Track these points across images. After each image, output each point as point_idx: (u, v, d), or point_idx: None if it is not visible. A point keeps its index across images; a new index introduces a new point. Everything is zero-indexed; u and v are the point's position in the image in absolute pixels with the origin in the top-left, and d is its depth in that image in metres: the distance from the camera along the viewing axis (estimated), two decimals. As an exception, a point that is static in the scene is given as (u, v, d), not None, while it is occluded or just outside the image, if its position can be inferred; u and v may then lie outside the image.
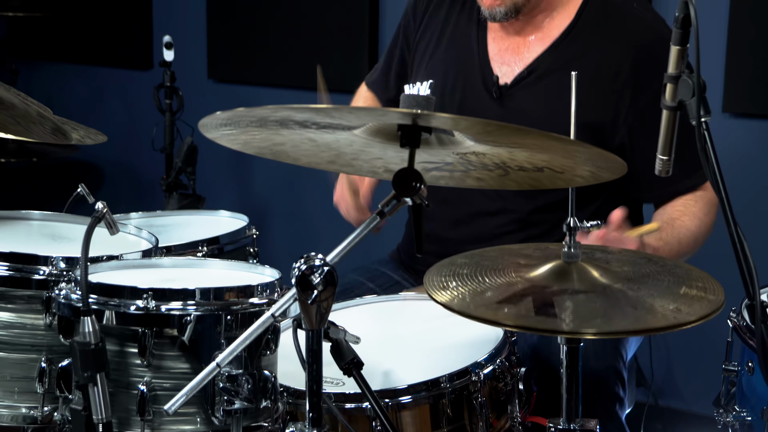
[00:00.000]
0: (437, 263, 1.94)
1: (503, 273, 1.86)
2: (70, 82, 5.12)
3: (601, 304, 1.75)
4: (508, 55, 2.58)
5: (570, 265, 1.85)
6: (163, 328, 1.95)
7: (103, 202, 2.05)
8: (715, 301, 1.75)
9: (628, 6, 2.56)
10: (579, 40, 2.53)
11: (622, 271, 1.86)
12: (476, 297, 1.78)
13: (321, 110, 1.71)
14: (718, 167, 1.65)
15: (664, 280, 1.85)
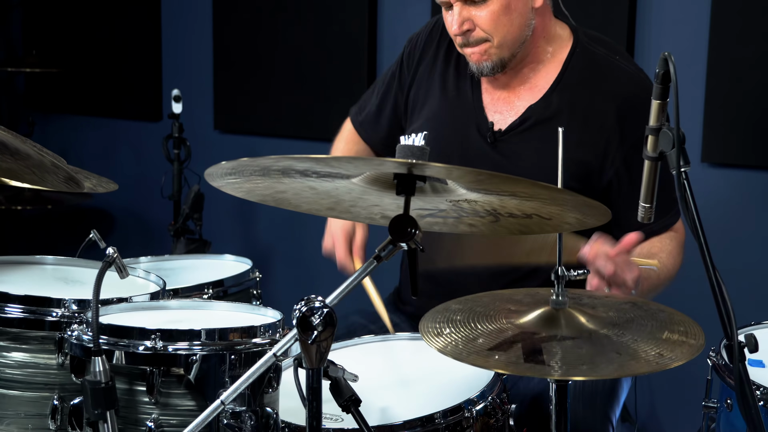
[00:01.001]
0: (432, 309, 1.94)
1: (494, 319, 1.86)
2: (83, 133, 5.13)
3: (587, 350, 1.75)
4: (500, 104, 2.58)
5: (558, 311, 1.85)
6: (170, 367, 1.95)
7: (113, 247, 2.05)
8: (695, 346, 1.76)
9: (611, 58, 2.57)
10: (567, 91, 2.53)
11: (608, 317, 1.86)
12: (468, 344, 1.78)
13: (321, 160, 1.71)
14: (697, 214, 1.65)
15: (647, 324, 1.85)
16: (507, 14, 2.44)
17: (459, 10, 2.44)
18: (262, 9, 4.46)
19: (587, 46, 2.57)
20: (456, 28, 2.45)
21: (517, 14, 2.46)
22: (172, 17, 4.82)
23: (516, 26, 2.47)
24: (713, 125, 3.54)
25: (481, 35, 2.46)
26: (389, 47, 4.21)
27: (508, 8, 2.44)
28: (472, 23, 2.45)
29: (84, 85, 5.02)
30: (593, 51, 2.57)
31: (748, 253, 3.54)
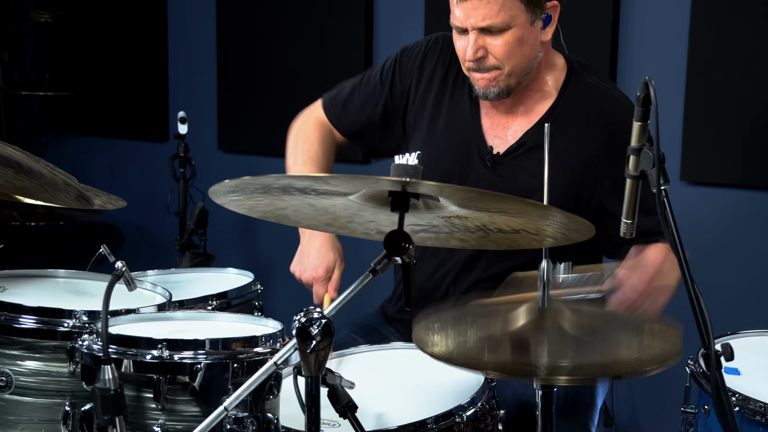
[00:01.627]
0: (423, 316, 1.93)
1: (484, 325, 1.86)
2: (94, 152, 5.12)
3: (573, 351, 1.75)
4: (499, 129, 2.58)
5: (543, 314, 1.85)
6: (176, 375, 1.94)
7: (122, 261, 2.05)
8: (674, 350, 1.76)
9: (602, 87, 2.58)
10: (561, 118, 2.53)
11: (590, 322, 1.86)
12: (460, 347, 1.78)
13: (319, 179, 1.72)
14: (676, 230, 1.66)
15: (627, 329, 1.85)
16: (520, 46, 2.44)
17: (475, 38, 2.43)
18: (263, 35, 4.47)
19: (580, 75, 2.58)
20: (471, 54, 2.44)
21: (528, 46, 2.46)
22: (178, 44, 4.83)
23: (526, 57, 2.47)
24: (691, 145, 3.55)
25: (493, 63, 2.45)
26: (384, 71, 4.22)
27: (521, 40, 2.44)
28: (486, 51, 2.44)
29: (94, 108, 5.03)
30: (586, 80, 2.58)
31: (725, 266, 3.55)
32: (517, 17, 2.41)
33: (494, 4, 2.39)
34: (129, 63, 4.91)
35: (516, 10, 2.41)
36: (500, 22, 2.40)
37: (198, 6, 4.70)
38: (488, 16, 2.40)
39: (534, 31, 2.46)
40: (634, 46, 3.67)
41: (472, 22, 2.41)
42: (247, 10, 4.51)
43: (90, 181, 2.80)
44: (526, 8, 2.42)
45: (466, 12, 2.42)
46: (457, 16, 2.44)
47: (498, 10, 2.39)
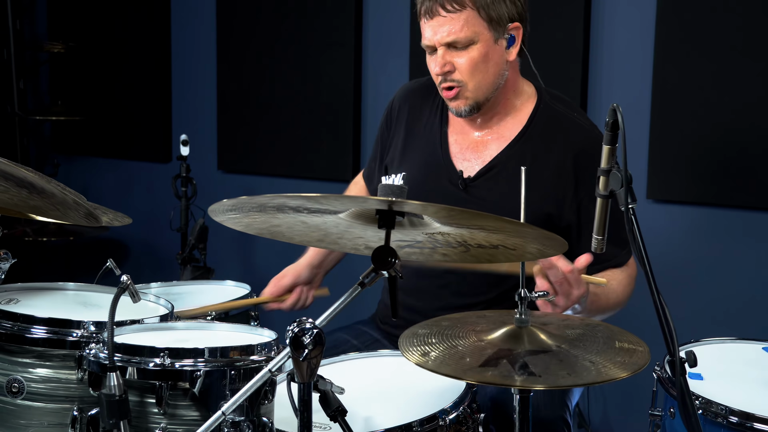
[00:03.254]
0: (408, 330, 1.93)
1: (468, 338, 1.86)
2: (102, 173, 5.11)
3: (564, 361, 1.75)
4: (468, 153, 2.58)
5: (522, 329, 1.85)
6: (177, 382, 1.93)
7: (127, 275, 2.04)
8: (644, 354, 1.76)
9: (569, 115, 2.57)
10: (530, 142, 2.53)
11: (565, 334, 1.86)
12: (458, 361, 1.77)
13: (311, 198, 1.71)
14: (643, 245, 1.66)
15: (599, 339, 1.85)
16: (484, 62, 2.46)
17: (442, 54, 2.45)
18: (260, 64, 4.47)
19: (549, 103, 2.58)
20: (438, 69, 2.46)
21: (492, 63, 2.47)
22: (181, 72, 4.83)
23: (491, 74, 2.48)
24: (657, 166, 3.56)
25: (459, 77, 2.47)
26: (372, 97, 4.22)
27: (485, 56, 2.45)
28: (453, 66, 2.46)
29: (103, 131, 5.02)
30: (554, 108, 2.58)
31: (688, 278, 3.55)
32: (480, 33, 2.44)
33: (458, 20, 2.42)
34: (135, 90, 4.91)
35: (479, 27, 2.43)
36: (464, 38, 2.43)
37: (199, 37, 4.70)
38: (452, 32, 2.42)
39: (498, 49, 2.47)
40: (603, 76, 3.68)
41: (438, 39, 2.44)
42: (244, 42, 4.51)
43: (98, 199, 2.79)
44: (488, 26, 2.44)
45: (433, 29, 2.45)
46: (426, 36, 2.47)
47: (462, 26, 2.42)
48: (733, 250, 3.50)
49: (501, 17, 2.45)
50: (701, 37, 3.43)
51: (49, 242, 4.87)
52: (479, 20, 2.43)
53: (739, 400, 1.98)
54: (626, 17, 3.63)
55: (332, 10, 4.24)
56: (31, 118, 5.06)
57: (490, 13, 2.43)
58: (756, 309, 3.45)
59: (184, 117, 4.82)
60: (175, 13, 4.81)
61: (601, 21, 3.67)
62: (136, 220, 2.74)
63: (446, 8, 2.42)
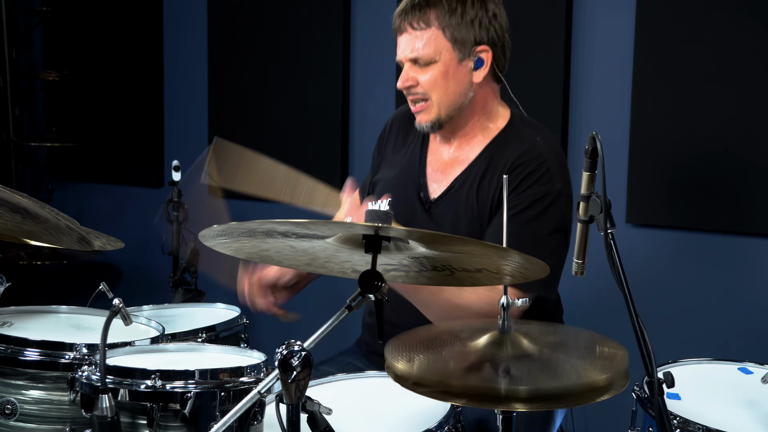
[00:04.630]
0: (394, 339, 1.91)
1: (449, 345, 1.85)
2: (96, 198, 5.10)
3: (546, 365, 1.74)
4: (438, 174, 2.60)
5: (504, 336, 1.84)
6: (168, 403, 1.93)
7: (119, 299, 2.04)
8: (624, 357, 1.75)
9: (531, 137, 2.52)
10: (484, 162, 2.53)
11: (546, 339, 1.85)
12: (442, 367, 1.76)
13: (299, 224, 1.71)
14: (622, 268, 1.66)
15: (579, 343, 1.85)
16: (445, 79, 2.47)
17: (407, 69, 2.49)
18: (250, 92, 4.48)
19: (517, 126, 2.56)
20: (401, 83, 2.51)
21: (454, 81, 2.48)
22: (172, 99, 4.83)
23: (452, 92, 2.49)
24: (635, 191, 3.57)
25: (420, 92, 2.50)
26: (360, 125, 4.23)
27: (446, 74, 2.47)
28: (415, 81, 2.49)
29: (96, 157, 5.01)
30: (520, 131, 2.55)
31: (666, 301, 3.56)
32: (442, 53, 2.46)
33: (422, 38, 2.46)
34: (128, 117, 4.91)
35: (441, 47, 2.46)
36: (425, 55, 2.46)
37: (191, 65, 4.71)
38: (416, 49, 2.46)
39: (462, 69, 2.49)
40: (583, 105, 3.70)
41: (404, 55, 2.49)
42: (235, 70, 4.52)
43: (92, 223, 2.78)
44: (453, 46, 2.46)
45: (401, 46, 2.50)
46: (397, 52, 2.52)
47: (424, 43, 2.46)
48: (710, 273, 3.51)
49: (466, 39, 2.47)
50: (676, 67, 3.46)
51: (43, 266, 4.85)
52: (443, 40, 2.46)
53: (716, 420, 1.99)
54: (605, 49, 3.65)
55: (322, 40, 4.26)
56: (26, 144, 5.05)
57: (454, 34, 2.46)
58: (732, 331, 3.46)
59: (176, 143, 4.82)
60: (168, 43, 4.82)
61: (582, 53, 3.69)
62: (129, 244, 2.73)
63: (413, 26, 2.47)
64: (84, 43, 4.99)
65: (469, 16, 2.46)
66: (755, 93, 3.34)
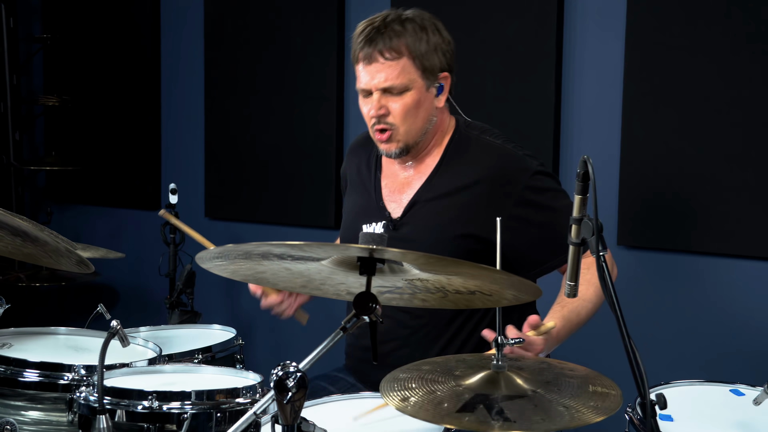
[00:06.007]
0: (389, 374, 1.91)
1: (443, 383, 1.84)
2: (94, 220, 5.10)
3: (539, 406, 1.73)
4: (395, 194, 2.60)
5: (499, 374, 1.84)
6: (165, 424, 1.92)
7: (117, 320, 2.03)
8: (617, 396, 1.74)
9: (480, 138, 2.57)
10: (445, 174, 2.54)
11: (539, 378, 1.85)
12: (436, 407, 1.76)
13: (295, 246, 1.70)
14: (614, 290, 1.66)
15: (573, 382, 1.84)
16: (416, 107, 2.48)
17: (378, 98, 2.48)
18: (246, 116, 4.48)
19: (463, 132, 2.59)
20: (374, 112, 2.49)
21: (423, 109, 2.50)
22: (170, 123, 4.84)
23: (421, 119, 2.50)
24: (627, 214, 3.57)
25: (391, 121, 2.49)
26: (354, 148, 4.23)
27: (418, 103, 2.48)
28: (387, 110, 2.49)
29: (95, 181, 5.01)
30: (467, 135, 2.58)
31: (658, 322, 3.55)
32: (414, 81, 2.47)
33: (395, 68, 2.46)
34: (126, 141, 4.92)
35: (414, 75, 2.47)
36: (400, 84, 2.46)
37: (188, 90, 4.71)
38: (389, 78, 2.46)
39: (429, 96, 2.51)
40: (574, 129, 3.71)
41: (375, 83, 2.47)
42: (231, 94, 4.53)
43: (91, 245, 2.78)
44: (422, 75, 2.48)
45: (371, 74, 2.47)
46: (363, 80, 2.50)
47: (398, 73, 2.45)
48: (700, 295, 3.51)
49: (433, 67, 2.49)
50: (665, 91, 3.47)
51: (42, 287, 4.84)
52: (414, 69, 2.47)
53: (707, 440, 1.98)
54: (595, 73, 3.66)
55: (316, 65, 4.27)
56: (26, 168, 5.06)
57: (424, 62, 2.47)
58: (724, 352, 3.45)
59: (173, 167, 4.82)
60: (165, 69, 4.83)
61: (572, 77, 3.70)
62: (126, 265, 2.73)
63: (384, 56, 2.45)
64: (83, 69, 5.01)
65: (432, 43, 2.48)
66: (743, 116, 3.35)
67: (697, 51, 3.41)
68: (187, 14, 4.70)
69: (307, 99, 4.30)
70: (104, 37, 4.94)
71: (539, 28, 3.68)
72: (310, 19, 4.27)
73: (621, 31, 3.56)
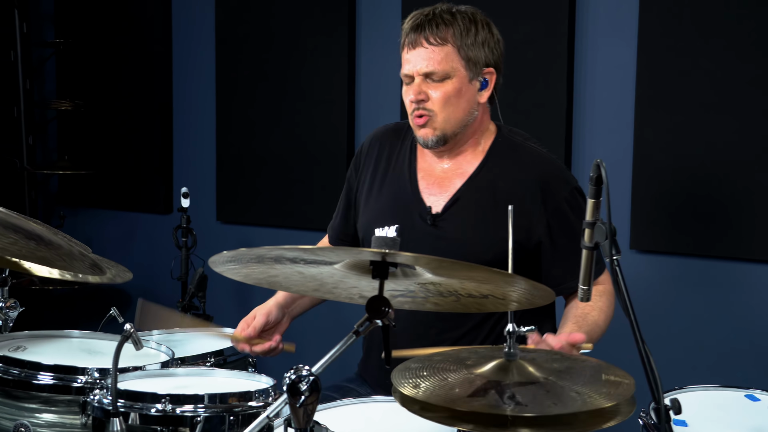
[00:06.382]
0: (400, 364, 1.90)
1: (455, 371, 1.84)
2: (106, 224, 5.11)
3: (551, 392, 1.73)
4: (434, 188, 2.59)
5: (511, 362, 1.83)
6: (178, 427, 1.92)
7: (130, 323, 2.03)
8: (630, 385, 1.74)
9: (526, 144, 2.59)
10: (490, 173, 2.54)
11: (551, 366, 1.84)
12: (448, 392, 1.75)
13: (308, 250, 1.70)
14: (627, 295, 1.65)
15: (586, 371, 1.83)
16: (456, 97, 2.48)
17: (419, 82, 2.48)
18: (257, 120, 4.49)
19: (507, 136, 2.60)
20: (413, 96, 2.49)
21: (464, 100, 2.50)
22: (182, 127, 4.85)
23: (461, 109, 2.50)
24: (639, 218, 3.57)
25: (431, 107, 2.49)
26: (366, 153, 4.23)
27: (459, 92, 2.48)
28: (427, 96, 2.48)
29: (107, 185, 5.03)
30: (511, 139, 2.60)
31: (672, 326, 3.55)
32: (457, 70, 2.48)
33: (438, 54, 2.47)
34: (138, 145, 4.93)
35: (456, 64, 2.47)
36: (441, 70, 2.46)
37: (199, 94, 4.73)
38: (432, 63, 2.46)
39: (471, 88, 2.51)
40: (586, 132, 3.70)
41: (417, 69, 2.48)
42: (242, 98, 4.53)
43: (102, 249, 2.78)
44: (465, 65, 2.48)
45: (414, 59, 2.48)
46: (406, 66, 2.51)
47: (441, 59, 2.46)
48: (714, 300, 3.50)
49: (478, 60, 2.49)
50: (677, 96, 3.47)
51: (55, 291, 4.85)
52: (457, 57, 2.47)
53: (721, 446, 1.97)
54: (607, 78, 3.66)
55: (326, 69, 4.27)
56: (39, 172, 5.07)
57: (468, 53, 2.48)
58: (738, 357, 3.44)
59: (185, 171, 4.83)
60: (177, 72, 4.84)
61: (584, 82, 3.70)
62: (138, 269, 2.73)
63: (429, 41, 2.46)
64: (95, 73, 5.02)
65: (480, 38, 2.50)
66: (756, 120, 3.34)
67: (708, 55, 3.40)
68: (199, 18, 4.71)
69: (317, 102, 4.31)
70: (116, 42, 4.95)
71: (551, 33, 3.68)
72: (320, 22, 4.28)
73: (633, 35, 3.55)
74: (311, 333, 3.66)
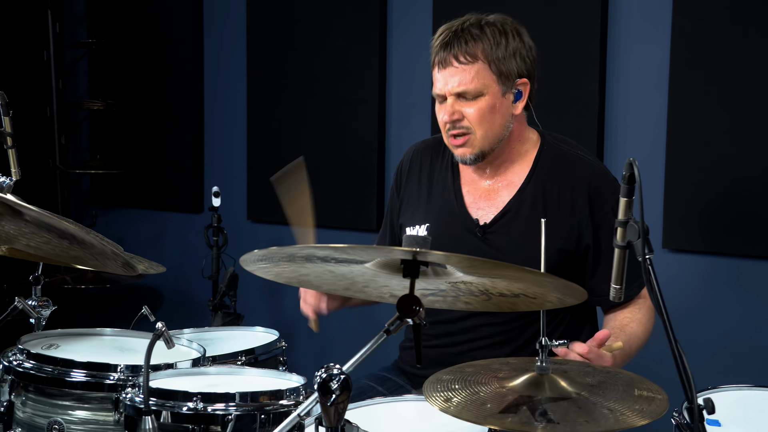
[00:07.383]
0: (432, 375, 1.90)
1: (487, 384, 1.83)
2: (138, 223, 5.14)
3: (583, 408, 1.72)
4: (482, 201, 2.57)
5: (543, 376, 1.83)
6: (209, 425, 1.93)
7: (162, 322, 2.04)
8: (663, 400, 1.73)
9: (574, 153, 2.57)
10: (539, 184, 2.53)
11: (584, 381, 1.83)
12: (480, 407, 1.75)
13: (338, 248, 1.71)
14: (660, 294, 1.64)
15: (618, 386, 1.82)
16: (491, 113, 2.46)
17: (452, 102, 2.46)
18: (288, 121, 4.50)
19: (553, 145, 2.58)
20: (447, 117, 2.47)
21: (499, 115, 2.47)
22: (213, 126, 4.87)
23: (497, 125, 2.48)
24: (672, 217, 3.54)
25: (467, 125, 2.46)
26: (396, 151, 4.23)
27: (493, 108, 2.46)
28: (461, 115, 2.46)
29: (139, 184, 5.06)
30: (558, 148, 2.57)
31: (705, 326, 3.52)
32: (489, 86, 2.44)
33: (469, 72, 2.43)
34: (170, 145, 4.95)
35: (489, 80, 2.44)
36: (474, 89, 2.44)
37: (231, 93, 4.74)
38: (463, 83, 2.43)
39: (505, 102, 2.48)
40: (618, 130, 3.68)
41: (449, 88, 2.45)
42: (273, 98, 4.55)
43: (134, 248, 2.80)
44: (497, 80, 2.45)
45: (445, 79, 2.45)
46: (438, 85, 2.48)
47: (472, 77, 2.43)
48: (747, 299, 3.47)
49: (510, 72, 2.46)
50: (713, 92, 3.44)
51: (87, 289, 4.89)
52: (489, 73, 2.44)
53: (755, 446, 1.96)
54: (640, 74, 3.64)
55: (357, 69, 4.28)
56: (71, 171, 5.11)
57: (500, 67, 2.45)
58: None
59: (216, 170, 4.85)
60: (208, 72, 4.87)
61: (616, 77, 3.68)
62: (170, 268, 2.75)
63: (459, 60, 2.43)
64: (128, 73, 5.05)
65: (511, 49, 2.46)
66: (791, 119, 3.31)
67: (742, 53, 3.37)
68: (230, 19, 4.73)
69: (348, 102, 4.31)
70: (148, 42, 4.98)
71: (584, 32, 3.66)
72: (351, 22, 4.28)
73: (666, 33, 3.53)
74: (342, 332, 3.67)
